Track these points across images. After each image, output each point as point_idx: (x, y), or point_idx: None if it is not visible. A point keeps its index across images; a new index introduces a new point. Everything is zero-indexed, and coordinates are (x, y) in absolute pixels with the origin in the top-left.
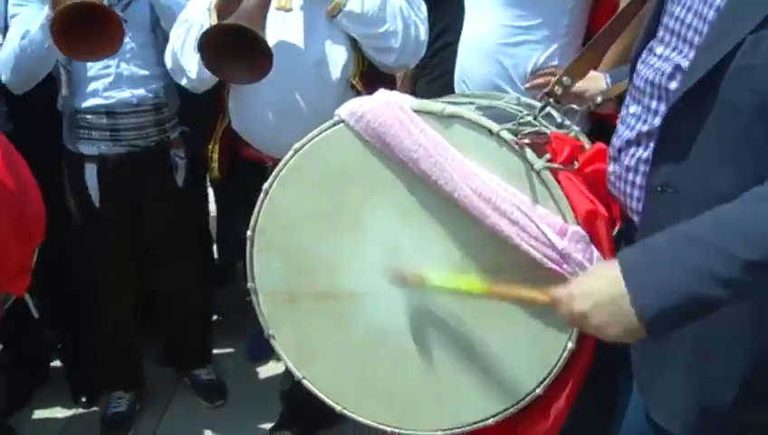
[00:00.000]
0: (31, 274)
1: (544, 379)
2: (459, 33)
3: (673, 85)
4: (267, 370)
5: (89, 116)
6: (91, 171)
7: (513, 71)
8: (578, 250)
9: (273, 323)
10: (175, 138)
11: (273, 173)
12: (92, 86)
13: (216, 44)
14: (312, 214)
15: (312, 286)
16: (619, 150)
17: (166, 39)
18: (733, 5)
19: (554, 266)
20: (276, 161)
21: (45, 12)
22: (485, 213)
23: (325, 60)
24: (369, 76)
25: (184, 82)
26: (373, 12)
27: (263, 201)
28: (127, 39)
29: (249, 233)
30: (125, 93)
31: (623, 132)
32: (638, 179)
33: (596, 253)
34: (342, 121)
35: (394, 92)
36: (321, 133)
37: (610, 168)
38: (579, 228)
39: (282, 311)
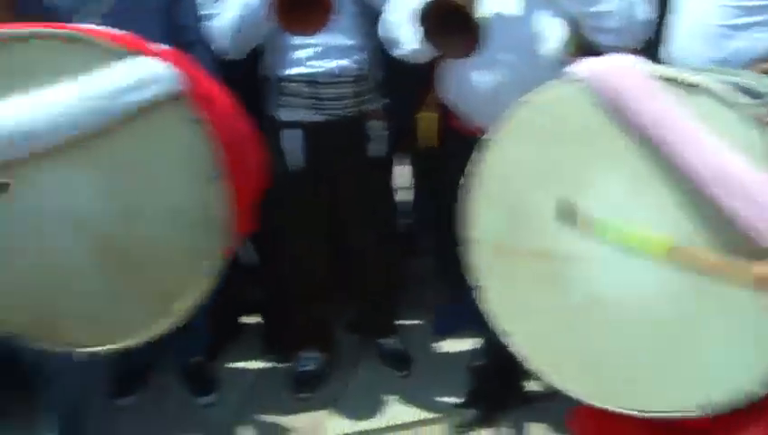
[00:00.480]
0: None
1: None
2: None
3: None
4: (451, 345)
5: (291, 84)
6: (289, 136)
7: (735, 56)
8: None
9: (483, 274)
10: (374, 109)
11: (496, 126)
12: (297, 54)
13: (435, 19)
14: (535, 169)
15: (529, 243)
16: None
17: (372, 8)
18: None
19: None
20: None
21: None
22: (723, 192)
23: (542, 34)
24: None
25: (397, 53)
26: None
27: (485, 152)
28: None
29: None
30: (330, 63)
31: None
32: None
33: None
34: (578, 80)
35: (632, 57)
36: (553, 89)
37: None
38: None
39: (494, 263)
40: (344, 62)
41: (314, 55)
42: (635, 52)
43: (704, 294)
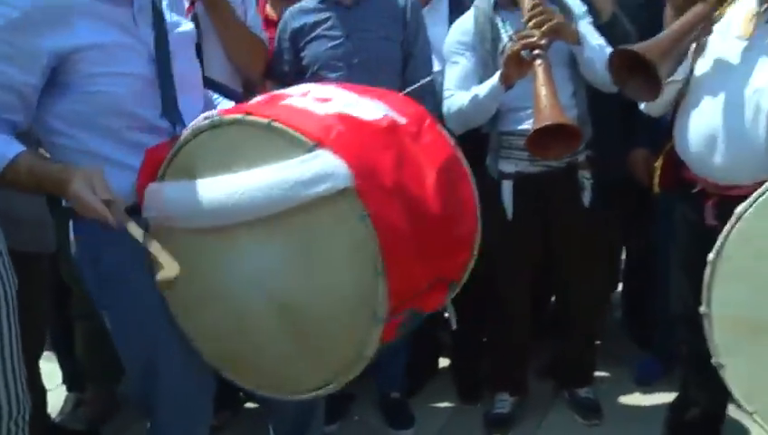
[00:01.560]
0: (456, 287)
1: None
2: None
3: None
4: (641, 399)
5: (511, 138)
6: (507, 187)
7: None
8: None
9: (724, 351)
10: (582, 160)
11: (751, 197)
12: (517, 114)
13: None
14: None
15: None
16: None
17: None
18: None
19: None
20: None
21: (495, 83)
22: None
23: (764, 87)
24: None
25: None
26: None
27: (733, 225)
28: None
29: (712, 256)
30: None
31: None
32: None
33: None
34: None
35: None
36: None
37: None
38: None
39: (737, 340)
40: None
41: (531, 115)
42: None
43: None
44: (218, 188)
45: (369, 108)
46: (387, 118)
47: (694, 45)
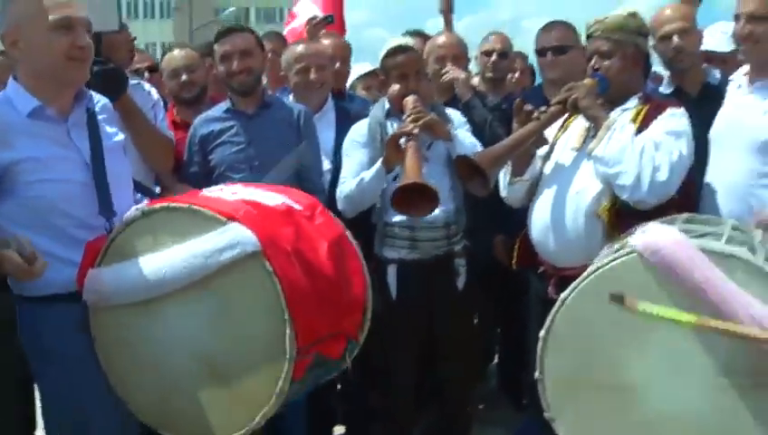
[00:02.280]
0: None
1: None
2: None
3: None
4: None
5: (394, 229)
6: (391, 270)
7: (751, 211)
8: None
9: (555, 409)
10: (459, 249)
11: (572, 286)
12: None
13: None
14: (603, 322)
15: (597, 380)
16: None
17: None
18: None
19: None
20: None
21: (378, 166)
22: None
23: (584, 189)
24: (621, 211)
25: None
26: (611, 155)
27: (558, 308)
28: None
29: (543, 333)
30: None
31: None
32: None
33: None
34: (635, 252)
35: (673, 229)
36: (616, 260)
37: None
38: None
39: (565, 399)
40: (436, 212)
41: None
42: (662, 207)
43: (740, 409)
44: (148, 266)
45: (270, 197)
46: (285, 204)
47: (544, 151)
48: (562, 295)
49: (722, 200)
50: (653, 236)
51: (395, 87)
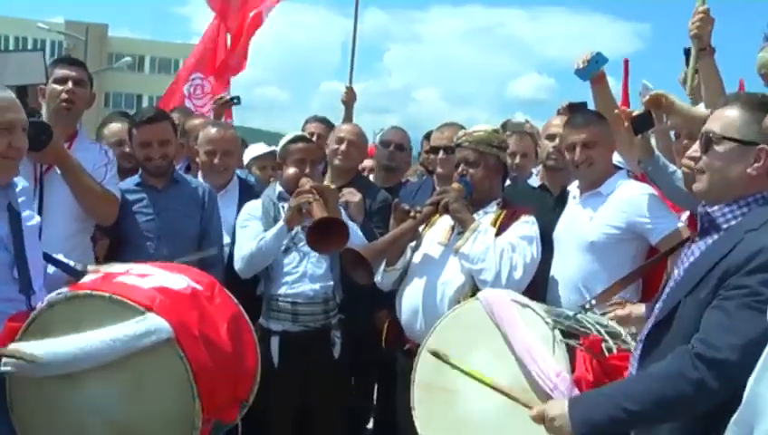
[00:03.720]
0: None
1: None
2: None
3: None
4: None
5: (279, 302)
6: (275, 341)
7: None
8: (564, 389)
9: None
10: (335, 322)
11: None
12: (283, 280)
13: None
14: (453, 345)
15: (441, 384)
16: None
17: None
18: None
19: (548, 391)
20: (413, 344)
21: (280, 225)
22: (526, 356)
23: (450, 280)
24: None
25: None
26: (476, 254)
27: (431, 333)
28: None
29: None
30: (306, 287)
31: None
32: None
33: (575, 392)
34: (478, 299)
35: (504, 290)
36: (464, 305)
37: None
38: (568, 377)
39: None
40: (317, 286)
41: (296, 281)
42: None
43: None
44: (70, 344)
45: (177, 280)
46: (189, 287)
47: (414, 244)
48: (423, 346)
49: (562, 291)
50: (489, 292)
51: (291, 170)
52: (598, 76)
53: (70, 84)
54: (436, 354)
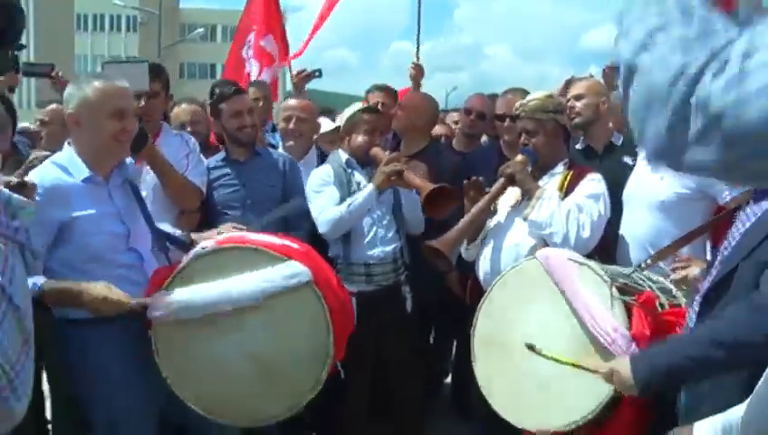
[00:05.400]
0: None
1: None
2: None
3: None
4: None
5: (354, 266)
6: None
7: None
8: (622, 344)
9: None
10: (404, 279)
11: (497, 277)
12: (360, 243)
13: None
14: (511, 302)
15: (500, 339)
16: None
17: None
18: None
19: (606, 346)
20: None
21: (370, 188)
22: (584, 313)
23: (522, 242)
24: None
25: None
26: (542, 220)
27: (488, 292)
28: (380, 213)
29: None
30: (379, 250)
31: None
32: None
33: (633, 347)
34: (536, 257)
35: (559, 250)
36: (523, 262)
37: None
38: (627, 333)
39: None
40: (387, 249)
41: (369, 244)
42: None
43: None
44: (220, 287)
45: (290, 242)
46: (303, 246)
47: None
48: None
49: (632, 250)
50: (547, 250)
51: (360, 138)
52: None
53: (143, 102)
54: (531, 347)
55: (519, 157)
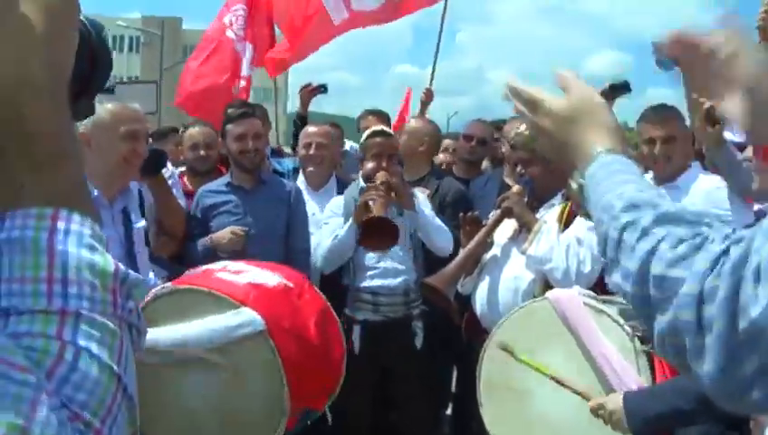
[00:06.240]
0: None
1: None
2: None
3: None
4: None
5: (361, 293)
6: (357, 329)
7: None
8: None
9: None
10: (417, 313)
11: (506, 316)
12: (368, 273)
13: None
14: (520, 345)
15: (509, 384)
16: None
17: (418, 245)
18: None
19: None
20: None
21: (350, 223)
22: (605, 365)
23: (521, 275)
24: None
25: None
26: (542, 254)
27: (495, 330)
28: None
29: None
30: (386, 281)
31: None
32: None
33: None
34: (547, 299)
35: (574, 289)
36: (534, 302)
37: None
38: None
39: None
40: (397, 281)
41: (377, 275)
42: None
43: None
44: (173, 333)
45: (269, 277)
46: (281, 283)
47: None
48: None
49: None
50: (559, 292)
51: (369, 164)
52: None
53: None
54: (504, 348)
55: (515, 187)
